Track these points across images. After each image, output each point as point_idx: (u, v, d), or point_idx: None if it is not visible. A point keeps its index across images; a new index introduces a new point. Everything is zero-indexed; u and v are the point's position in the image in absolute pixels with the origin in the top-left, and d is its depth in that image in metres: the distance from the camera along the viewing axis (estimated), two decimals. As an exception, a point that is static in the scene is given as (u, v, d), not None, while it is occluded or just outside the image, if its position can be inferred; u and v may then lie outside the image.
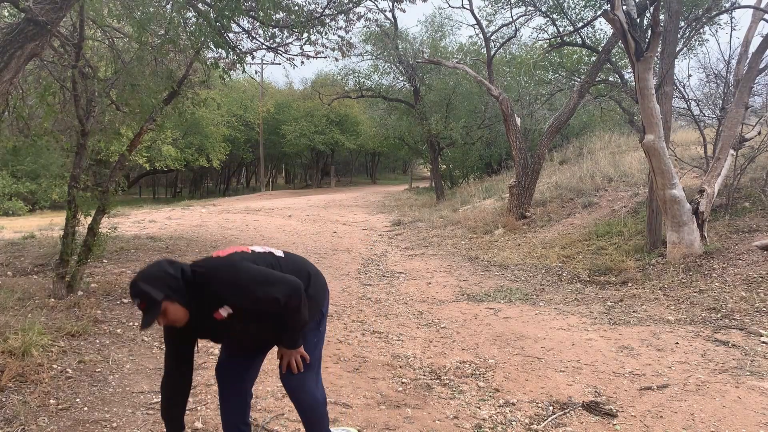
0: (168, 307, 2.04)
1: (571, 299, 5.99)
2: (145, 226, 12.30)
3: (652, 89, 6.26)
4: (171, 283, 2.05)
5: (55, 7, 3.70)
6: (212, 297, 2.14)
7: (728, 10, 8.87)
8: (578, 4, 11.56)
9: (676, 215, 6.46)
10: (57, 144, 6.91)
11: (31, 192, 16.61)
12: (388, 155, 41.97)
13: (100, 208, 5.71)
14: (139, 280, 2.03)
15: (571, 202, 11.03)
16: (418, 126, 18.69)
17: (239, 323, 2.21)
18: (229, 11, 4.82)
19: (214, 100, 11.16)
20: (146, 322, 2.00)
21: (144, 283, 2.01)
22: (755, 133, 7.82)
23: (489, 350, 4.35)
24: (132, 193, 33.72)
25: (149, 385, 3.60)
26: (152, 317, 2.00)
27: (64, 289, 5.35)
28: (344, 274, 7.48)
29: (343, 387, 3.64)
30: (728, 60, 8.57)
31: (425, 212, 14.48)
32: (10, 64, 3.60)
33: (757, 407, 3.21)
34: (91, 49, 6.55)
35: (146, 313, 1.99)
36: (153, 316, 2.00)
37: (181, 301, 2.07)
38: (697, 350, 4.21)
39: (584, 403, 3.31)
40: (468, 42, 19.78)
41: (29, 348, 3.71)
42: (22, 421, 2.96)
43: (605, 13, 6.03)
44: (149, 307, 1.99)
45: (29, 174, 16.45)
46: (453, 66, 13.57)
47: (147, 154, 22.73)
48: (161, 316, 2.04)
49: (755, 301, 5.13)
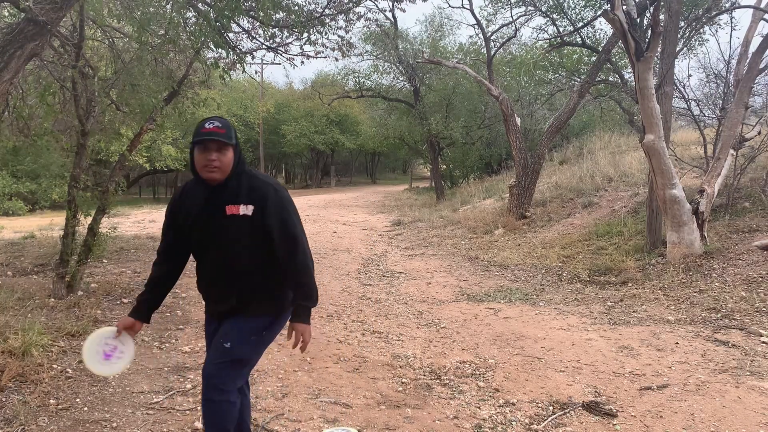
0: (231, 150, 2.16)
1: (571, 299, 5.99)
2: (145, 226, 12.30)
3: (652, 89, 6.26)
4: (237, 141, 2.21)
5: (55, 7, 3.70)
6: (246, 191, 2.19)
7: (728, 10, 8.87)
8: (578, 4, 11.56)
9: (676, 215, 6.46)
10: (57, 144, 6.92)
11: (31, 192, 16.58)
12: (388, 155, 41.94)
13: (100, 208, 5.71)
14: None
15: (571, 202, 11.03)
16: (418, 126, 18.69)
17: (237, 234, 2.19)
18: (229, 11, 4.82)
19: (214, 100, 11.15)
20: (209, 146, 2.12)
21: (228, 123, 2.18)
22: (755, 133, 7.81)
23: (489, 350, 4.35)
24: (132, 193, 33.69)
25: (149, 385, 3.60)
26: (216, 144, 2.11)
27: (64, 289, 5.35)
28: (344, 274, 7.48)
29: (343, 387, 3.64)
30: (728, 60, 8.57)
31: (425, 212, 14.48)
32: (10, 64, 3.60)
33: (757, 407, 3.21)
34: (91, 49, 6.55)
35: (216, 137, 2.10)
36: (218, 144, 2.11)
37: (236, 159, 2.19)
38: (697, 350, 4.21)
39: (584, 403, 3.31)
40: (468, 42, 19.79)
41: (29, 348, 3.71)
42: (22, 421, 2.96)
43: (605, 13, 6.03)
44: (222, 137, 2.11)
45: (29, 174, 16.43)
46: (453, 66, 13.56)
47: (147, 154, 22.71)
48: (219, 151, 2.12)
49: (755, 301, 5.13)
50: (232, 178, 2.19)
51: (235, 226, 2.18)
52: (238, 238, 2.20)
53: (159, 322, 4.97)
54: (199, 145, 2.14)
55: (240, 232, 2.19)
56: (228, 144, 2.13)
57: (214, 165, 2.13)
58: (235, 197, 2.18)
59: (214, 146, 2.12)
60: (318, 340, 4.58)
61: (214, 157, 2.12)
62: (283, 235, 2.20)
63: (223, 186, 2.19)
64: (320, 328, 4.94)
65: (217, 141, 2.11)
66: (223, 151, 2.13)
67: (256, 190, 2.20)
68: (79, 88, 5.51)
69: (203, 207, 2.22)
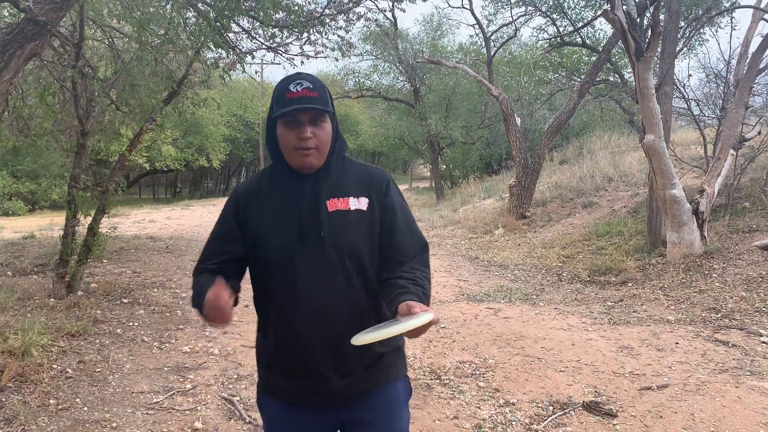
0: (329, 121, 1.48)
1: (571, 299, 5.99)
2: (145, 226, 12.30)
3: (652, 89, 6.26)
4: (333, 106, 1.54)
5: (55, 7, 3.70)
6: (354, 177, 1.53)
7: (728, 10, 8.88)
8: (578, 4, 11.58)
9: (676, 215, 6.46)
10: (57, 144, 6.92)
11: (31, 192, 16.56)
12: (388, 155, 41.89)
13: (100, 208, 5.71)
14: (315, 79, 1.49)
15: (571, 202, 11.03)
16: (418, 126, 18.70)
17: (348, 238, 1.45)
18: (229, 11, 4.82)
19: (214, 100, 11.16)
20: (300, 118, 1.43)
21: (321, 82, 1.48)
22: (755, 133, 7.82)
23: (489, 350, 4.35)
24: (132, 193, 33.70)
25: (149, 385, 3.60)
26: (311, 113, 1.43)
27: (64, 289, 5.35)
28: (344, 274, 7.47)
29: (343, 387, 3.64)
30: (728, 60, 8.58)
31: (425, 212, 14.47)
32: (10, 64, 3.60)
33: (757, 407, 3.21)
34: (91, 49, 6.55)
35: (310, 105, 1.41)
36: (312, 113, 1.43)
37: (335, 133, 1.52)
38: (697, 350, 4.21)
39: (584, 403, 3.31)
40: (468, 42, 19.82)
41: (29, 348, 3.71)
42: (22, 421, 2.96)
43: (605, 13, 6.03)
44: (317, 103, 1.43)
45: (29, 174, 16.41)
46: (453, 66, 13.57)
47: (147, 154, 22.71)
48: (315, 123, 1.44)
49: (755, 301, 5.13)
50: (333, 160, 1.51)
51: (344, 226, 1.46)
52: (352, 244, 1.45)
53: (159, 322, 4.97)
54: (285, 119, 1.43)
55: (354, 234, 1.46)
56: (325, 111, 1.45)
57: (309, 145, 1.43)
58: (339, 187, 1.50)
59: (306, 117, 1.42)
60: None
61: (310, 133, 1.42)
62: (412, 230, 1.53)
63: (323, 173, 1.50)
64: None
65: (312, 109, 1.42)
66: (319, 123, 1.44)
67: (367, 174, 1.54)
68: (79, 88, 5.51)
69: (289, 206, 1.48)
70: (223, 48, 5.54)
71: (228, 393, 3.49)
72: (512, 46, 17.94)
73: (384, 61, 19.36)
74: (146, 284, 6.31)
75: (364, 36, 17.44)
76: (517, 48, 18.72)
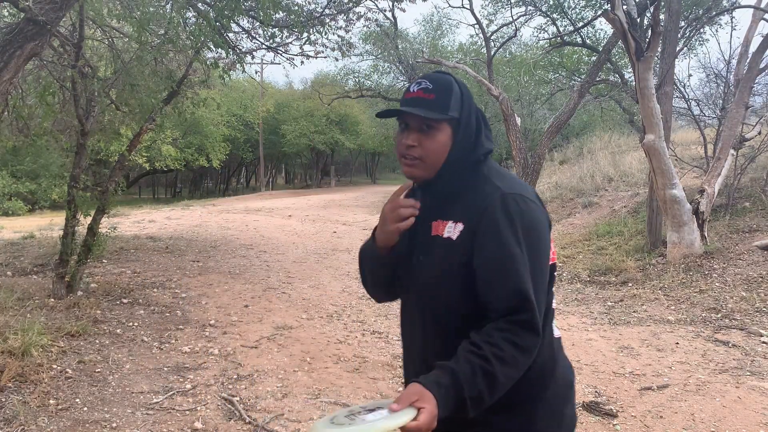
0: (443, 130, 1.28)
1: (571, 299, 5.99)
2: (145, 226, 12.29)
3: (652, 89, 6.26)
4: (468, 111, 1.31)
5: (55, 7, 3.70)
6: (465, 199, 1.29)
7: (728, 10, 8.88)
8: (578, 4, 11.57)
9: (676, 215, 6.46)
10: (57, 144, 6.92)
11: (31, 192, 16.60)
12: (388, 155, 41.96)
13: (100, 208, 5.71)
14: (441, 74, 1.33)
15: (571, 202, 11.03)
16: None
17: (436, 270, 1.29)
18: (229, 11, 4.83)
19: (213, 100, 11.17)
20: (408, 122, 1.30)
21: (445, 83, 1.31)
22: (755, 133, 7.81)
23: (489, 350, 4.35)
24: (132, 193, 33.71)
25: (149, 385, 3.60)
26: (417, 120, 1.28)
27: (63, 289, 5.34)
28: (344, 274, 7.47)
29: (343, 387, 3.64)
30: (728, 60, 8.58)
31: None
32: (10, 64, 3.59)
33: (757, 407, 3.21)
34: (91, 49, 6.55)
35: (415, 110, 1.26)
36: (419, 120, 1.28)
37: (458, 144, 1.30)
38: (698, 350, 4.21)
39: (584, 403, 3.31)
40: (468, 42, 19.83)
41: (29, 348, 3.71)
42: (22, 421, 2.96)
43: (605, 12, 6.03)
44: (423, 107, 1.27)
45: (29, 174, 16.45)
46: (453, 66, 13.54)
47: (147, 154, 22.72)
48: (421, 131, 1.28)
49: (755, 301, 5.13)
50: (446, 174, 1.31)
51: (438, 256, 1.29)
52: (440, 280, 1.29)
53: (159, 322, 4.97)
54: (399, 121, 1.33)
55: (441, 266, 1.28)
56: (435, 119, 1.27)
57: (411, 154, 1.30)
58: (444, 208, 1.31)
59: (414, 123, 1.29)
60: (318, 340, 4.58)
61: (412, 140, 1.29)
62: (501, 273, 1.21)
63: (432, 188, 1.34)
64: (320, 328, 4.93)
65: (417, 117, 1.27)
66: (429, 131, 1.28)
67: (478, 197, 1.27)
68: (79, 88, 5.50)
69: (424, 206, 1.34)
70: (223, 48, 5.54)
71: (228, 393, 3.48)
72: (512, 46, 17.92)
73: (384, 61, 19.35)
74: (146, 284, 6.31)
75: (364, 36, 17.42)
76: (517, 48, 18.71)
